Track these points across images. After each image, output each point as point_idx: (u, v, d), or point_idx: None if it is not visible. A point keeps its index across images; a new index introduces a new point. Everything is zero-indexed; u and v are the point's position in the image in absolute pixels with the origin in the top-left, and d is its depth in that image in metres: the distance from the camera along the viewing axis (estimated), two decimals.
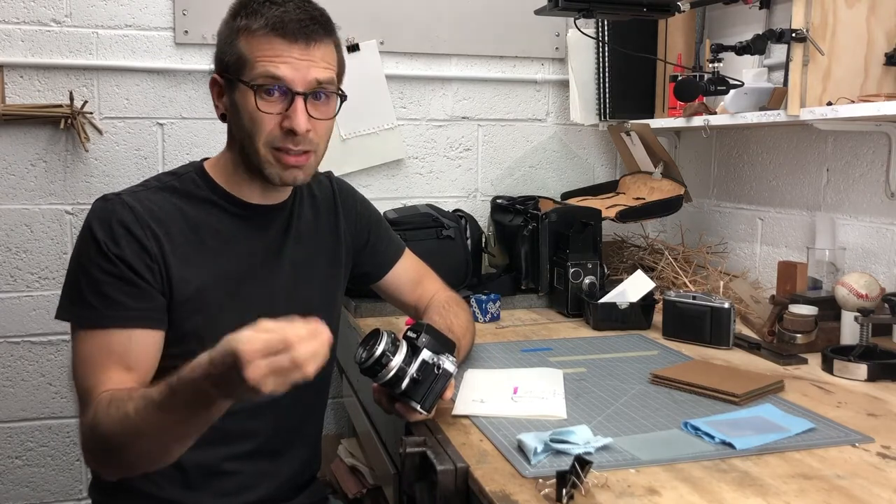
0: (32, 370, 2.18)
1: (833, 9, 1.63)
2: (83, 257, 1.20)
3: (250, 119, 1.21)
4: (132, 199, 1.23)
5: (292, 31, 1.19)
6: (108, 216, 1.20)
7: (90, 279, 1.18)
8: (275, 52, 1.19)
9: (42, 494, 2.22)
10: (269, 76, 1.19)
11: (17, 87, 2.07)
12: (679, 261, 2.17)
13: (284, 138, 1.22)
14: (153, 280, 1.20)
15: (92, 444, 1.12)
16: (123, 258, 1.18)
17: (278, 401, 1.30)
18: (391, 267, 1.55)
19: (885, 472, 1.02)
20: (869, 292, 1.55)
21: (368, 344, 1.15)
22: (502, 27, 2.38)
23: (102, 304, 1.17)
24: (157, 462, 1.10)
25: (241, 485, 1.30)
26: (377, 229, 1.54)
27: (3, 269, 2.13)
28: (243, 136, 1.24)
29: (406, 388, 1.14)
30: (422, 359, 1.15)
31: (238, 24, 1.22)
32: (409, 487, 1.13)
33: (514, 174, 2.49)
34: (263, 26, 1.19)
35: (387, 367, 1.13)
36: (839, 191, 1.91)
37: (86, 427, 1.12)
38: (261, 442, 1.31)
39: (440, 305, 1.48)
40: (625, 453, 1.06)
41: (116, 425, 1.06)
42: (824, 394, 1.34)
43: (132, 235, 1.19)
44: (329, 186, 1.48)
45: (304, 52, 1.20)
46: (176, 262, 1.22)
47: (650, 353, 1.59)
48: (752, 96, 1.87)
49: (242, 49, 1.21)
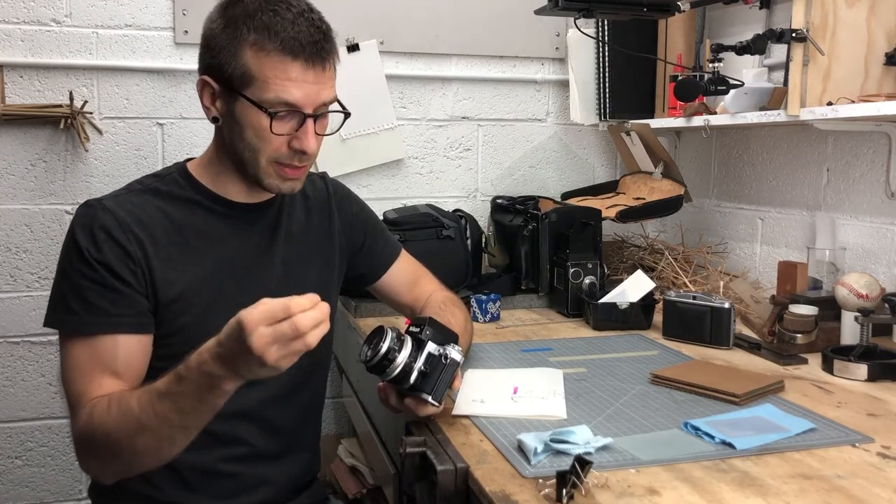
0: (32, 370, 2.18)
1: (833, 9, 1.63)
2: (66, 264, 1.20)
3: (257, 136, 1.20)
4: (114, 204, 1.23)
5: (309, 55, 1.17)
6: (91, 222, 1.20)
7: (73, 286, 1.18)
8: (288, 75, 1.17)
9: (42, 494, 2.22)
10: (284, 103, 1.17)
11: (17, 87, 2.07)
12: (679, 261, 2.17)
13: (291, 156, 1.22)
14: (137, 284, 1.19)
15: (89, 446, 1.12)
16: (106, 263, 1.18)
17: (273, 403, 1.31)
18: (387, 269, 1.55)
19: (885, 472, 1.02)
20: (869, 292, 1.55)
21: (373, 342, 1.15)
22: (502, 27, 2.38)
23: (86, 310, 1.17)
24: (158, 458, 1.10)
25: (239, 486, 1.30)
26: (373, 231, 1.54)
27: (3, 269, 2.13)
28: (243, 148, 1.23)
29: (415, 382, 1.14)
30: (427, 351, 1.15)
31: (244, 36, 1.17)
32: (409, 487, 1.13)
33: (514, 174, 2.49)
34: (279, 49, 1.16)
35: (393, 363, 1.13)
36: (839, 191, 1.91)
37: (80, 432, 1.13)
38: (257, 446, 1.31)
39: (437, 306, 1.47)
40: (625, 453, 1.06)
41: (118, 423, 1.07)
42: (824, 394, 1.34)
43: (114, 240, 1.19)
44: (323, 188, 1.47)
45: (318, 77, 1.19)
46: (159, 265, 1.22)
47: (650, 353, 1.59)
48: (752, 96, 1.87)
49: (251, 65, 1.17)
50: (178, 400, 1.03)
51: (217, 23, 1.21)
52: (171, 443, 1.08)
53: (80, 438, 1.13)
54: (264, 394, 1.29)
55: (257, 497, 1.32)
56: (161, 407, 1.04)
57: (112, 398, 1.10)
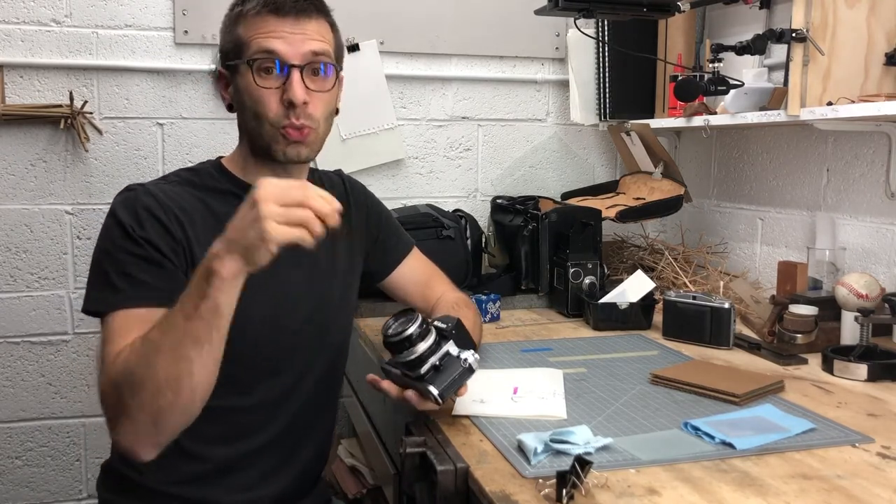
0: (32, 370, 2.18)
1: (833, 9, 1.63)
2: (107, 243, 1.20)
3: (252, 99, 1.25)
4: (155, 188, 1.26)
5: (283, 6, 1.24)
6: (133, 203, 1.22)
7: (116, 262, 1.18)
8: (268, 28, 1.24)
9: (42, 494, 2.22)
10: (263, 51, 1.23)
11: (17, 87, 2.07)
12: (679, 261, 2.17)
13: (287, 114, 1.25)
14: (178, 261, 1.21)
15: (116, 393, 1.07)
16: (149, 240, 1.19)
17: (291, 397, 1.32)
18: (398, 265, 1.56)
19: (885, 472, 1.02)
20: (869, 292, 1.55)
21: (401, 320, 1.15)
22: (502, 27, 2.38)
23: (129, 284, 1.17)
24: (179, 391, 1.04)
25: (252, 480, 1.31)
26: (387, 226, 1.57)
27: (3, 269, 2.13)
28: (249, 119, 1.27)
29: (425, 373, 1.14)
30: (447, 349, 1.15)
31: (234, 11, 1.28)
32: (409, 487, 1.13)
33: (514, 174, 2.49)
34: (255, 6, 1.25)
35: (413, 348, 1.13)
36: (839, 191, 1.91)
37: (104, 384, 1.09)
38: (273, 437, 1.32)
39: (448, 306, 1.48)
40: (625, 453, 1.06)
41: (138, 354, 1.05)
42: (824, 394, 1.34)
43: (157, 219, 1.21)
44: (340, 182, 1.51)
45: (295, 26, 1.25)
46: (199, 250, 1.22)
47: (650, 353, 1.59)
48: (752, 96, 1.87)
49: (240, 33, 1.26)
50: (184, 303, 1.03)
51: (225, 17, 1.31)
52: (188, 363, 1.03)
53: (105, 392, 1.09)
54: (281, 386, 1.31)
55: (268, 490, 1.32)
56: (171, 318, 1.04)
57: (136, 338, 1.08)
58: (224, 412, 1.23)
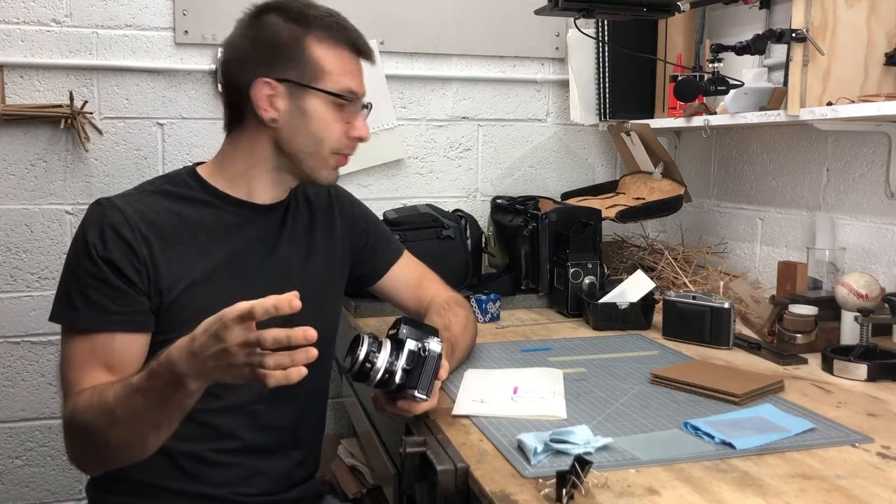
0: (32, 370, 2.18)
1: (833, 9, 1.63)
2: (73, 260, 1.24)
3: (319, 126, 1.30)
4: (123, 203, 1.26)
5: (367, 51, 1.35)
6: (100, 220, 1.23)
7: (77, 282, 1.21)
8: (352, 66, 1.32)
9: (42, 494, 2.22)
10: (349, 90, 1.30)
11: (17, 87, 2.07)
12: (679, 261, 2.17)
13: (349, 145, 1.34)
14: (140, 283, 1.22)
15: (72, 435, 1.17)
16: (110, 261, 1.20)
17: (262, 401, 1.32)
18: (389, 268, 1.56)
19: (885, 472, 1.02)
20: (869, 292, 1.55)
21: (348, 350, 1.15)
22: (502, 27, 2.38)
23: (87, 306, 1.20)
24: (131, 454, 1.14)
25: (234, 477, 1.31)
26: (375, 231, 1.57)
27: (3, 269, 2.13)
28: (306, 141, 1.31)
29: (401, 381, 1.14)
30: (408, 349, 1.15)
31: (306, 31, 1.28)
32: (409, 487, 1.13)
33: (514, 174, 2.49)
34: (346, 43, 1.31)
35: (374, 367, 1.13)
36: (839, 191, 1.91)
37: (66, 420, 1.17)
38: (247, 441, 1.32)
39: (440, 306, 1.48)
40: (625, 453, 1.06)
41: (95, 413, 1.11)
42: (824, 394, 1.34)
43: (122, 238, 1.22)
44: (325, 191, 1.50)
45: (365, 68, 1.36)
46: (166, 262, 1.24)
47: (650, 353, 1.59)
48: (752, 96, 1.87)
49: (319, 59, 1.28)
50: (148, 396, 1.06)
51: (276, 25, 1.29)
52: (142, 440, 1.11)
53: (65, 427, 1.18)
54: (253, 392, 1.29)
55: (253, 487, 1.33)
56: (133, 401, 1.07)
57: (95, 389, 1.14)
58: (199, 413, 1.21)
